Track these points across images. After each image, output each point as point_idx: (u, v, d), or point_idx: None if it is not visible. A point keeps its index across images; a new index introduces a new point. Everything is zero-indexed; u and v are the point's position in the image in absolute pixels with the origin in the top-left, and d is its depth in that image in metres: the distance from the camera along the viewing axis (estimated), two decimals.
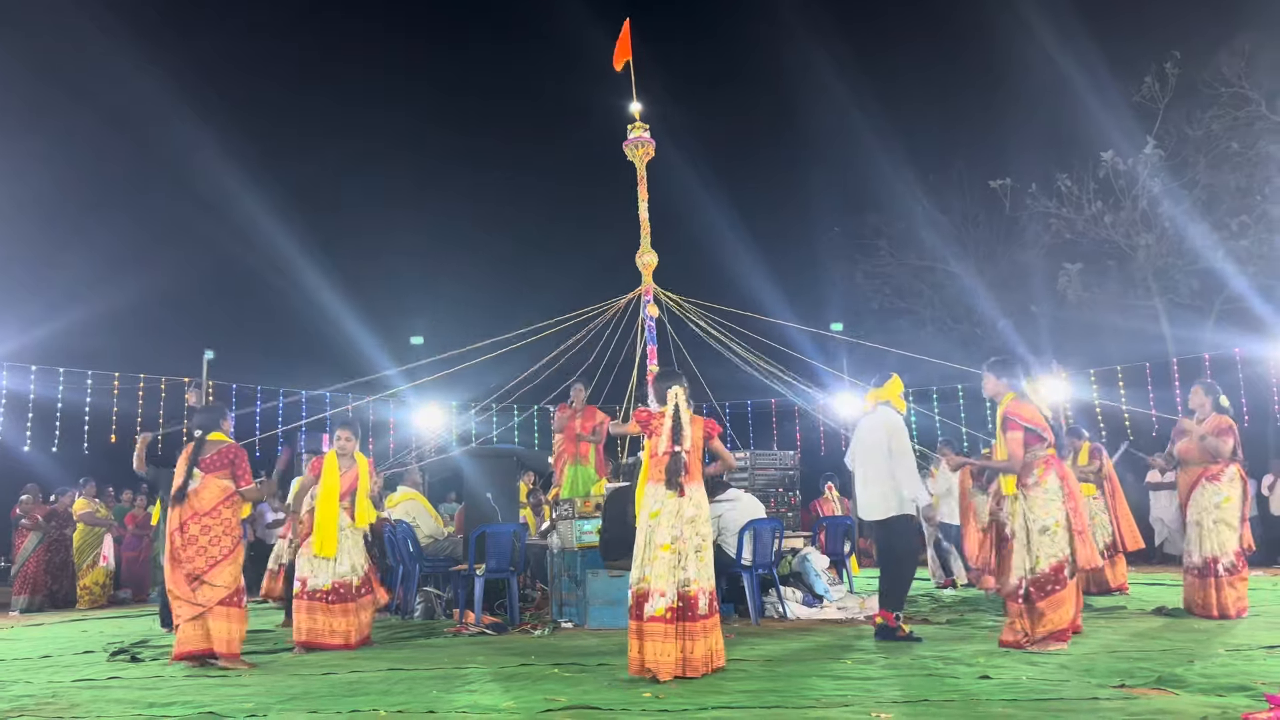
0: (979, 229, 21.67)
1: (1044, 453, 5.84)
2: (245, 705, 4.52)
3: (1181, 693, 4.16)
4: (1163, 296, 18.31)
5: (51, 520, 12.49)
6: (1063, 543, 5.69)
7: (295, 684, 5.21)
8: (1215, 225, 17.23)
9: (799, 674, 5.05)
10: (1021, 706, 3.94)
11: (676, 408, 5.23)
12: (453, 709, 4.29)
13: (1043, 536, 5.70)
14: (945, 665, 5.16)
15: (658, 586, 4.98)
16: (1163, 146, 17.89)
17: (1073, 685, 4.41)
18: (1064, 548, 5.68)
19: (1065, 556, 5.67)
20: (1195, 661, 4.98)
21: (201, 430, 6.33)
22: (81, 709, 4.60)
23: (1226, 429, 7.16)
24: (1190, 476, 7.31)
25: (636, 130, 10.48)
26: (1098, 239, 18.89)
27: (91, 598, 12.47)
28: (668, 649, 4.87)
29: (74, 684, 5.45)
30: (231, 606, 6.08)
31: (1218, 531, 7.09)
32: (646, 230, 10.34)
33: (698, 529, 5.13)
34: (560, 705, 4.25)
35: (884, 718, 3.80)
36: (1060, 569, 5.65)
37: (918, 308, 22.51)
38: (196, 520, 6.08)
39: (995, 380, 6.14)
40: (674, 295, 10.29)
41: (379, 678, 5.33)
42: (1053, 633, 5.59)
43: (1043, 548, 5.68)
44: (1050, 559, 5.67)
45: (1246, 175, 17.17)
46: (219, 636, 5.99)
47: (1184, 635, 6.16)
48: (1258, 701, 3.78)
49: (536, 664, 5.67)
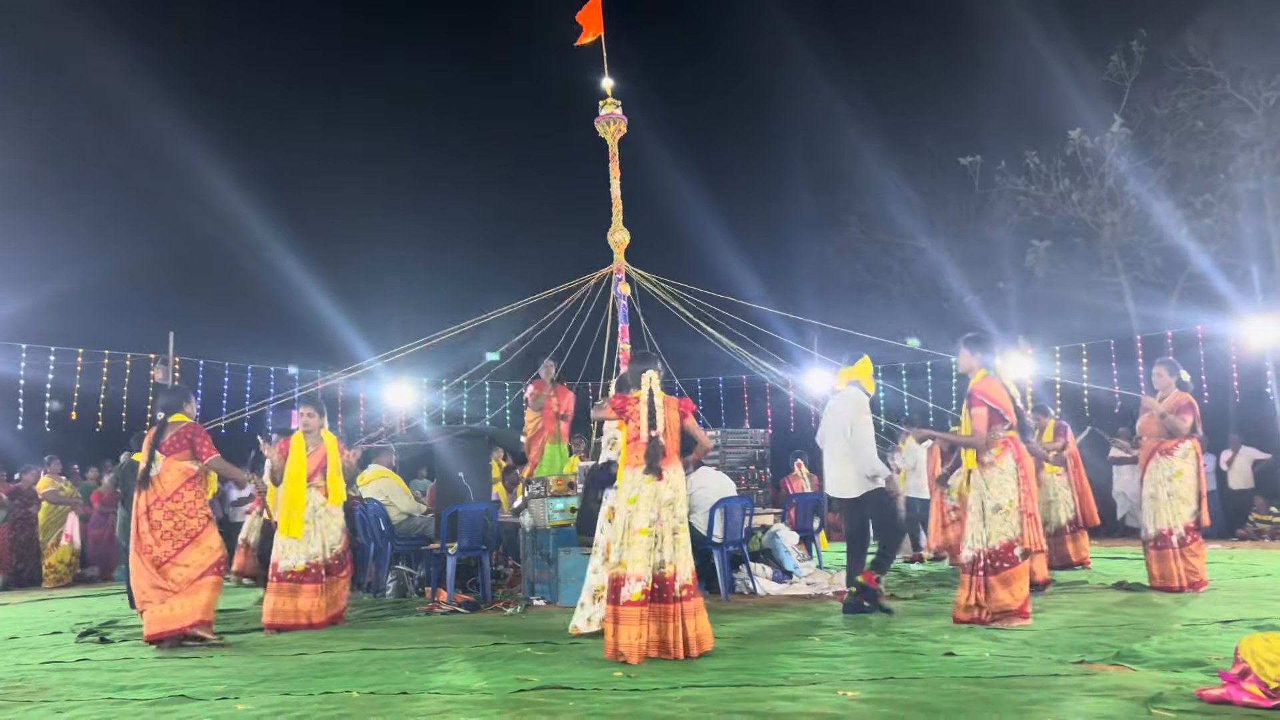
0: (949, 206, 21.81)
1: (1004, 433, 5.97)
2: (216, 687, 4.52)
3: (1139, 668, 4.28)
4: (1128, 274, 18.55)
5: (15, 498, 12.35)
6: (1014, 522, 5.83)
7: (267, 665, 5.21)
8: (1179, 203, 17.46)
9: (768, 652, 5.12)
10: (984, 684, 4.03)
11: (651, 392, 5.25)
12: (425, 690, 4.31)
13: (995, 515, 5.85)
14: (911, 642, 5.26)
15: (634, 571, 5.02)
16: (1129, 124, 18.08)
17: (1034, 662, 4.52)
18: (1015, 527, 5.83)
19: (1016, 536, 5.82)
20: (1153, 637, 5.11)
21: (164, 413, 6.29)
22: (50, 692, 4.58)
23: (1185, 406, 7.33)
24: (1147, 451, 7.51)
25: (608, 107, 10.41)
26: (1065, 216, 19.08)
27: (56, 576, 12.35)
28: (639, 632, 4.91)
29: (42, 666, 5.43)
30: (209, 575, 6.07)
31: (1171, 504, 7.28)
32: (619, 208, 10.30)
33: (675, 511, 5.17)
34: (532, 685, 4.29)
35: (850, 695, 3.87)
36: (1011, 548, 5.80)
37: (887, 283, 22.66)
38: (160, 505, 6.06)
39: (969, 356, 6.26)
40: (646, 273, 10.29)
41: (351, 658, 5.34)
42: (1009, 609, 5.71)
43: (994, 525, 5.84)
44: (1001, 537, 5.82)
45: (1211, 153, 17.39)
46: (191, 608, 5.97)
47: (1143, 610, 6.30)
48: (1211, 677, 3.89)
49: (509, 643, 5.71)
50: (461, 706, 3.90)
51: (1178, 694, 3.67)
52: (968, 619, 5.83)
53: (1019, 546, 5.81)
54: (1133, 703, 3.56)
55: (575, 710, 3.77)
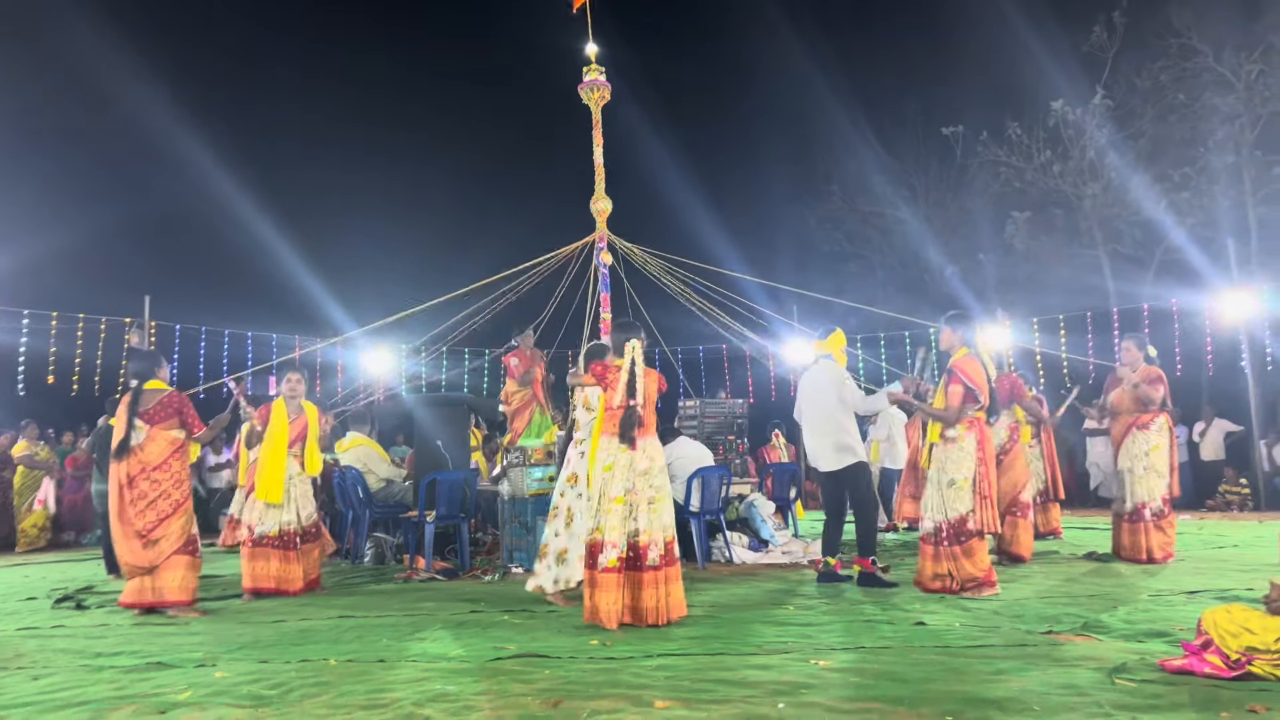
0: (930, 176, 21.84)
1: (972, 413, 6.06)
2: (194, 654, 4.54)
3: (1105, 638, 4.36)
4: (1106, 246, 18.65)
5: None
6: (967, 499, 5.96)
7: (245, 632, 5.23)
8: (1158, 176, 17.55)
9: (743, 620, 5.19)
10: (953, 653, 4.10)
11: (633, 362, 5.26)
12: (403, 657, 4.35)
13: (950, 489, 5.99)
14: (883, 611, 5.34)
15: (610, 538, 5.07)
16: (1111, 96, 18.10)
17: (1003, 631, 4.60)
18: (968, 503, 5.94)
19: (968, 511, 5.94)
20: (1120, 607, 5.21)
21: (138, 379, 6.22)
22: (27, 658, 4.58)
23: (1156, 378, 7.44)
24: (1122, 425, 7.60)
25: (592, 73, 10.32)
26: (1046, 188, 19.14)
27: (29, 540, 12.32)
28: (615, 598, 4.98)
29: (18, 632, 5.42)
30: (184, 554, 6.05)
31: (1147, 478, 7.40)
32: (601, 175, 10.23)
33: (651, 481, 5.20)
34: (509, 653, 4.33)
35: (822, 665, 3.93)
36: (964, 522, 5.94)
37: (867, 253, 22.71)
38: (145, 475, 6.00)
39: (951, 333, 6.34)
40: (627, 243, 10.25)
41: (329, 625, 5.37)
42: (977, 579, 5.82)
43: (949, 499, 5.99)
44: (956, 511, 5.97)
45: (1191, 127, 17.46)
46: (171, 586, 5.97)
47: (1111, 581, 6.42)
48: (1174, 648, 3.97)
49: (486, 611, 5.75)
50: (439, 674, 3.93)
51: (1141, 664, 3.75)
52: (937, 588, 5.93)
53: (970, 521, 5.93)
54: (1098, 673, 3.64)
55: (551, 678, 3.81)
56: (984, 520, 5.98)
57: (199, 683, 3.89)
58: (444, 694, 3.55)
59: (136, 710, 3.46)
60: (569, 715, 3.21)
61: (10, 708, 3.54)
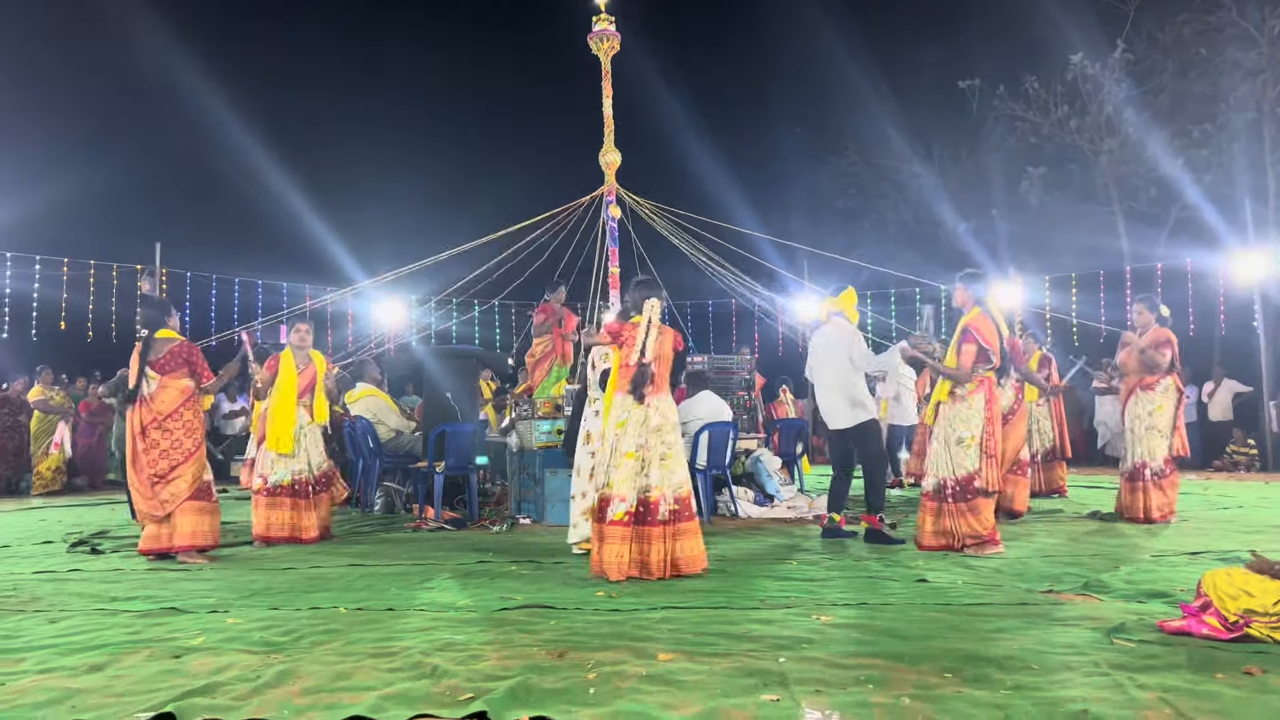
0: (945, 130, 21.56)
1: (983, 372, 6.05)
2: (207, 600, 4.62)
3: (1105, 598, 4.40)
4: (1121, 204, 18.46)
5: (4, 407, 12.41)
6: (974, 457, 5.95)
7: (257, 579, 5.32)
8: (1178, 132, 17.30)
9: (747, 574, 5.25)
10: (954, 611, 4.15)
11: (650, 320, 5.27)
12: (411, 606, 4.42)
13: (957, 447, 5.98)
14: (886, 568, 5.39)
15: (619, 492, 5.11)
16: (1132, 51, 17.79)
17: (1005, 590, 4.64)
18: (975, 461, 5.94)
19: (974, 470, 5.94)
20: (1121, 567, 5.25)
21: (149, 328, 6.26)
22: (44, 601, 4.67)
23: (1165, 342, 7.41)
24: (1128, 385, 7.60)
25: (602, 23, 10.20)
26: (1062, 144, 18.91)
27: (44, 484, 12.49)
28: (622, 551, 5.04)
29: (34, 576, 5.52)
30: (198, 500, 6.13)
31: (1149, 438, 7.41)
32: (610, 128, 10.17)
33: (663, 437, 5.23)
34: (516, 604, 4.40)
35: (824, 619, 3.98)
36: (970, 480, 5.93)
37: (881, 209, 22.52)
38: (157, 424, 6.06)
39: (964, 291, 6.31)
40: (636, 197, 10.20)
41: (339, 574, 5.46)
42: (980, 537, 5.86)
43: (957, 456, 5.98)
44: (962, 469, 5.96)
45: (1212, 83, 17.16)
46: (184, 531, 6.06)
47: (1114, 540, 6.46)
48: (1173, 609, 4.01)
49: (494, 561, 5.83)
50: (446, 623, 4.00)
51: (1140, 624, 3.79)
52: (939, 545, 5.97)
53: (977, 480, 5.94)
54: (1096, 632, 3.68)
55: (556, 628, 3.88)
56: (989, 479, 5.99)
57: (212, 628, 3.97)
58: (451, 643, 3.62)
59: (151, 654, 3.54)
60: (574, 666, 3.27)
61: (28, 650, 3.63)
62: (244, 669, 3.28)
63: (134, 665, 3.38)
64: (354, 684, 3.09)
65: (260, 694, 3.00)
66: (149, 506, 6.01)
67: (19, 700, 2.99)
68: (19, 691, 3.08)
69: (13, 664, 3.44)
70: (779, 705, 2.81)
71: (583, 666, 3.25)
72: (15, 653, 3.59)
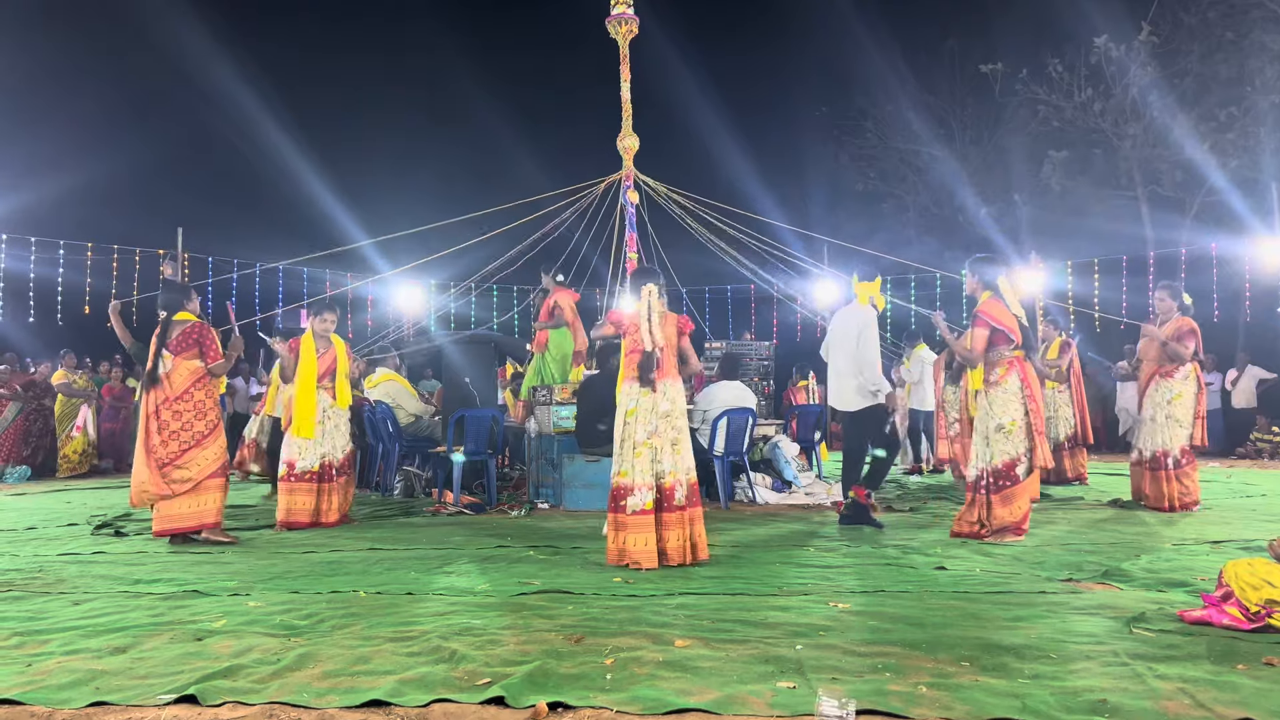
0: (967, 113, 21.37)
1: (1010, 354, 5.98)
2: (228, 584, 4.67)
3: (1125, 587, 4.37)
4: (1145, 188, 18.25)
5: (30, 390, 12.56)
6: (1018, 442, 5.88)
7: (277, 563, 5.36)
8: (1203, 116, 17.07)
9: (764, 561, 5.25)
10: (972, 599, 4.14)
11: (649, 306, 5.26)
12: (430, 591, 4.45)
13: (998, 434, 5.91)
14: (904, 555, 5.38)
15: (641, 481, 5.10)
16: (1157, 33, 17.55)
17: (1023, 578, 4.62)
18: (1019, 446, 5.88)
19: (1018, 455, 5.88)
20: (1141, 556, 5.21)
21: (167, 310, 6.29)
22: (68, 583, 4.73)
23: (1188, 332, 7.33)
24: (1148, 373, 7.54)
25: (620, 6, 10.15)
26: (1085, 128, 18.71)
27: (70, 466, 12.65)
28: (648, 539, 5.03)
29: (59, 558, 5.59)
30: (213, 479, 6.18)
31: (1168, 427, 7.35)
32: (628, 112, 10.13)
33: (673, 423, 5.23)
34: (533, 589, 4.42)
35: (841, 607, 3.98)
36: (1012, 466, 5.86)
37: (901, 192, 22.37)
38: (169, 405, 6.10)
39: (973, 278, 6.26)
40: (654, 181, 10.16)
41: (358, 558, 5.50)
42: (1007, 525, 5.83)
43: (997, 444, 5.90)
44: (1003, 455, 5.89)
45: (1238, 66, 16.92)
46: (194, 510, 6.10)
47: (1135, 528, 6.41)
48: (1194, 598, 3.98)
49: (513, 546, 5.86)
50: (465, 608, 4.03)
51: (1160, 614, 3.76)
52: (966, 532, 5.94)
53: (1021, 464, 5.87)
54: (1116, 621, 3.66)
55: (574, 614, 3.89)
56: (1041, 457, 5.89)
57: (233, 611, 4.01)
58: (469, 628, 3.64)
59: (174, 637, 3.58)
60: (591, 651, 3.28)
61: (53, 632, 3.68)
62: (264, 652, 3.32)
63: (156, 647, 3.42)
64: (373, 668, 3.12)
65: (280, 677, 3.03)
66: (157, 488, 6.04)
67: (44, 681, 3.03)
68: (44, 673, 3.13)
69: (38, 645, 3.48)
70: (795, 692, 2.81)
71: (600, 652, 3.26)
72: (41, 634, 3.64)
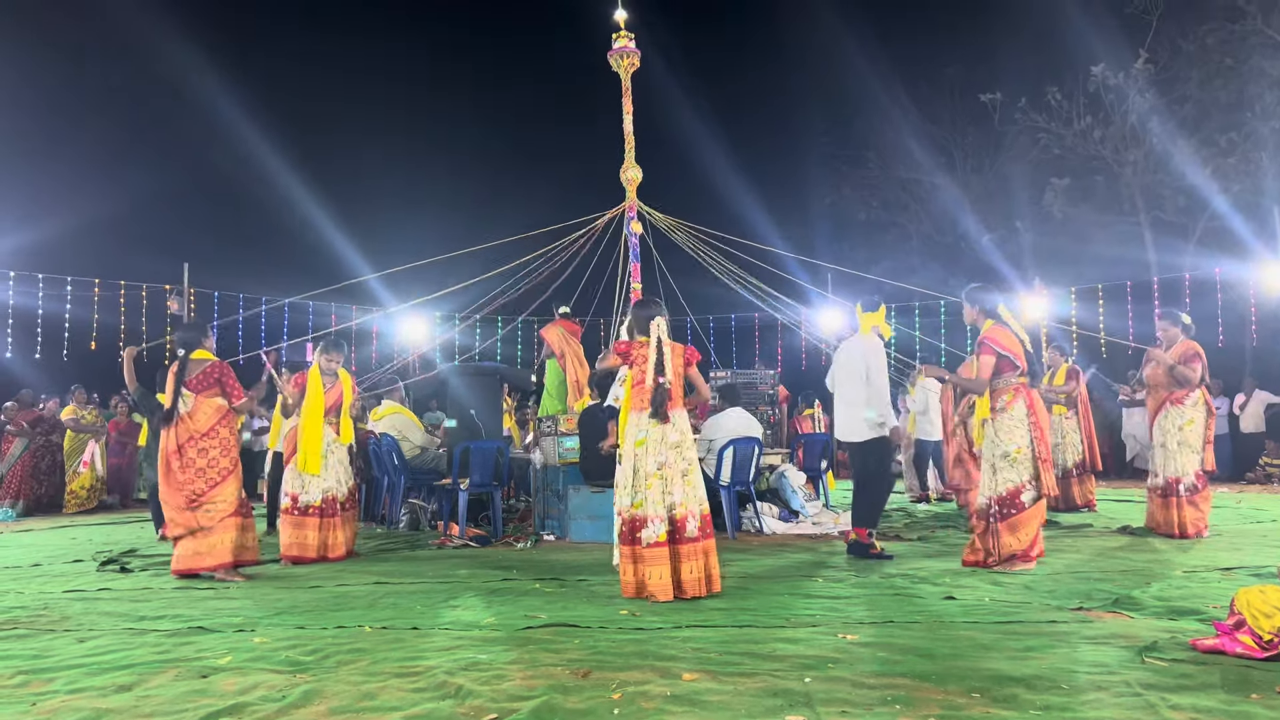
0: (967, 142, 21.49)
1: (1015, 380, 5.96)
2: (234, 619, 4.65)
3: (1136, 616, 4.34)
4: (1147, 214, 18.29)
5: (37, 426, 12.58)
6: (1023, 469, 5.85)
7: (283, 598, 5.34)
8: (1204, 141, 17.14)
9: (772, 592, 5.21)
10: (983, 629, 4.11)
11: (659, 340, 5.27)
12: (436, 625, 4.42)
13: (1004, 461, 5.88)
14: (912, 584, 5.34)
15: (655, 513, 5.08)
16: (1154, 61, 17.67)
17: (1033, 607, 4.58)
18: (1024, 473, 5.85)
19: (1023, 483, 5.84)
20: (1152, 584, 5.17)
21: (184, 349, 6.34)
22: (73, 621, 4.71)
23: (1193, 355, 7.31)
24: (1157, 400, 7.50)
25: (621, 40, 10.24)
26: (1086, 155, 18.78)
27: (78, 502, 12.64)
28: (664, 572, 4.99)
29: (65, 595, 5.58)
30: (235, 517, 6.20)
31: (1180, 454, 7.31)
32: (631, 144, 10.19)
33: (683, 454, 5.22)
34: (540, 622, 4.39)
35: (850, 638, 3.95)
36: (1017, 494, 5.83)
37: (903, 221, 22.44)
38: (194, 443, 6.14)
39: (971, 308, 6.25)
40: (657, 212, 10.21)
41: (364, 592, 5.48)
42: (1015, 554, 5.78)
43: (1003, 472, 5.87)
44: (1008, 483, 5.86)
45: (1237, 91, 17.01)
46: (223, 548, 6.11)
47: (1145, 556, 6.37)
48: (1206, 626, 3.95)
49: (519, 579, 5.83)
50: (471, 642, 4.00)
51: (1172, 643, 3.73)
52: (972, 561, 5.91)
53: (1027, 491, 5.84)
54: (1128, 651, 3.62)
55: (580, 648, 3.87)
56: (1046, 484, 5.86)
57: (239, 647, 3.99)
58: (476, 662, 3.62)
59: (179, 674, 3.56)
60: (598, 686, 3.25)
61: (57, 670, 3.66)
62: (270, 689, 3.30)
63: (162, 685, 3.41)
64: (379, 704, 3.10)
65: (286, 714, 3.01)
66: (185, 521, 6.07)
67: None
68: (49, 712, 3.11)
69: (43, 684, 3.47)
70: None
71: (607, 686, 3.24)
72: (46, 672, 3.62)
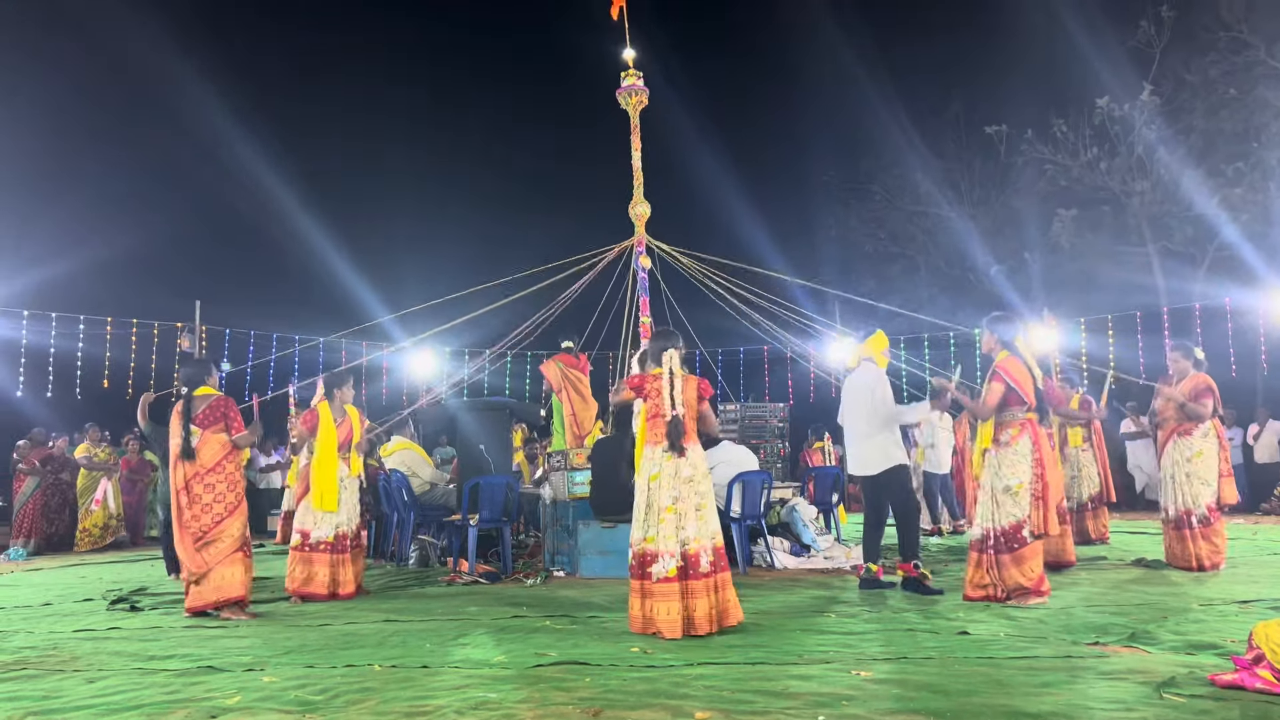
0: (974, 174, 21.57)
1: (1022, 415, 5.94)
2: (243, 659, 4.62)
3: (1153, 650, 4.29)
4: (1156, 244, 18.30)
5: (48, 465, 12.61)
6: (1024, 504, 5.82)
7: (292, 636, 5.32)
8: (1210, 172, 17.18)
9: (784, 628, 5.17)
10: (998, 665, 4.06)
11: (671, 371, 5.27)
12: (445, 663, 4.39)
13: (1005, 495, 5.85)
14: (925, 620, 5.29)
15: (666, 548, 5.04)
16: (1159, 92, 17.76)
17: (1049, 643, 4.53)
18: (1024, 508, 5.82)
19: (1024, 518, 5.81)
20: (1169, 618, 5.12)
21: (189, 386, 6.37)
22: (82, 661, 4.70)
23: (1205, 390, 7.28)
24: (1166, 431, 7.47)
25: (630, 78, 10.35)
26: (1093, 186, 18.85)
27: (91, 540, 12.65)
28: (675, 608, 4.95)
29: (74, 634, 5.56)
30: (240, 553, 6.19)
31: (1190, 485, 7.26)
32: (640, 180, 10.26)
33: (696, 488, 5.19)
34: (550, 660, 4.36)
35: (864, 675, 3.91)
36: (1019, 529, 5.80)
37: (911, 252, 22.49)
38: (200, 479, 6.16)
39: (991, 337, 6.24)
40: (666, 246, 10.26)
41: (374, 630, 5.45)
42: (1024, 587, 5.73)
43: (1005, 505, 5.84)
44: (1010, 518, 5.82)
45: (1243, 121, 17.08)
46: (228, 584, 6.12)
47: (1161, 589, 6.30)
48: (1225, 661, 3.90)
49: (529, 616, 5.80)
50: (480, 681, 3.97)
51: (1190, 678, 3.68)
52: (980, 596, 5.86)
53: (1026, 527, 5.81)
54: (1145, 686, 3.58)
55: (591, 686, 3.83)
56: (1039, 523, 5.85)
57: (248, 687, 3.97)
58: (485, 701, 3.59)
59: (188, 714, 3.54)
60: None
61: (66, 710, 3.64)
62: None
63: None
64: None
65: None
66: (194, 565, 6.07)
67: None
68: None
69: None
70: None
71: None
72: (54, 714, 3.60)
